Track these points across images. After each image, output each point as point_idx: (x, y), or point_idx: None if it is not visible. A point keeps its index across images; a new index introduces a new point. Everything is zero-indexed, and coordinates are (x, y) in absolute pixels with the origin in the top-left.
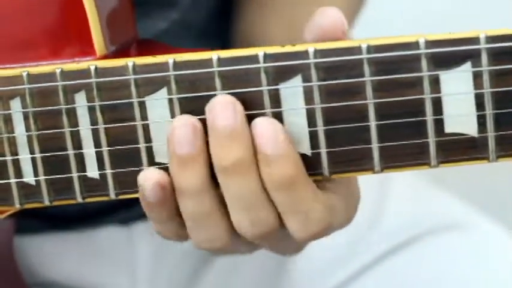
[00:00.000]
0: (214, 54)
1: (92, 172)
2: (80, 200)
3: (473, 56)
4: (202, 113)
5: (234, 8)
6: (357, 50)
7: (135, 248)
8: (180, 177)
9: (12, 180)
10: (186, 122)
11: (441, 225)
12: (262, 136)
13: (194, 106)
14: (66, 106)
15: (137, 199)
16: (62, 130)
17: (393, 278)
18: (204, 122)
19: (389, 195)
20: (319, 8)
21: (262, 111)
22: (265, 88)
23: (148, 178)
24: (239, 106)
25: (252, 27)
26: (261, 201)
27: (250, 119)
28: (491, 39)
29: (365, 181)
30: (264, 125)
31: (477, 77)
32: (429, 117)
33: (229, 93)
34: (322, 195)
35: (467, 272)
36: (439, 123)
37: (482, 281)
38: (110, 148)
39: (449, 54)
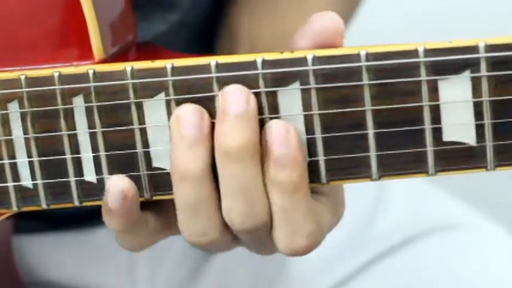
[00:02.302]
0: (212, 60)
1: (90, 176)
2: (77, 203)
3: (472, 65)
4: None
5: (226, 5)
6: (355, 57)
7: None
8: (184, 160)
9: (10, 184)
10: (194, 108)
11: (440, 225)
12: (275, 136)
13: None
14: (64, 108)
15: None
16: (60, 134)
17: (391, 278)
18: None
19: (387, 194)
20: (316, 13)
21: (260, 117)
22: (263, 90)
23: (113, 184)
24: (252, 97)
25: (238, 26)
26: (258, 194)
27: None
28: (490, 47)
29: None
30: (279, 126)
31: (476, 85)
32: (427, 126)
33: None
34: (316, 211)
35: (466, 272)
36: (437, 132)
37: (481, 280)
38: (107, 152)
39: (449, 63)
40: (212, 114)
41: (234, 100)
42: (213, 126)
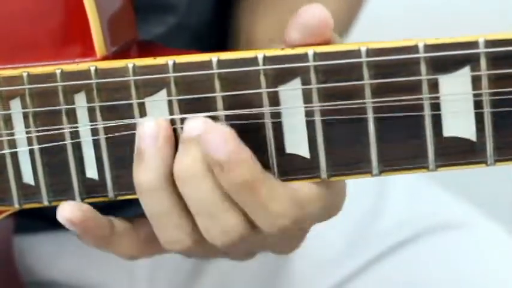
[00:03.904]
0: (213, 56)
1: (91, 173)
2: (79, 200)
3: (472, 60)
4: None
5: (231, 7)
6: (356, 53)
7: None
8: (137, 172)
9: (12, 181)
10: (155, 122)
11: (440, 224)
12: (212, 142)
13: (193, 108)
14: (66, 106)
15: (135, 198)
16: (62, 130)
17: (392, 277)
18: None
19: (388, 194)
20: (303, 6)
21: (261, 110)
22: (264, 90)
23: (60, 215)
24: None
25: (244, 26)
26: (225, 207)
27: (247, 119)
28: (490, 43)
29: (363, 180)
30: (212, 131)
31: (476, 81)
32: (427, 121)
33: (228, 95)
34: (284, 190)
35: (466, 271)
36: (437, 127)
37: (480, 280)
38: (109, 149)
39: (449, 58)
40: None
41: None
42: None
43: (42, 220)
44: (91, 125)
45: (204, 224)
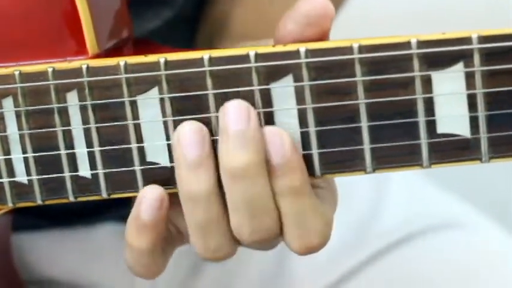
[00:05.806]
0: (205, 54)
1: (84, 171)
2: (72, 199)
3: (465, 56)
4: (193, 112)
5: None
6: (348, 50)
7: None
8: (190, 182)
9: (5, 179)
10: (193, 127)
11: (438, 224)
12: (272, 147)
13: (185, 105)
14: (58, 105)
15: (129, 197)
16: (54, 129)
17: (390, 276)
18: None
19: (387, 193)
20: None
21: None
22: (256, 88)
23: (149, 193)
24: (254, 113)
25: (222, 12)
26: (267, 207)
27: None
28: (483, 39)
29: (363, 179)
30: (272, 133)
31: (469, 77)
32: (421, 118)
33: (220, 93)
34: (322, 208)
35: (465, 271)
36: (431, 124)
37: (480, 279)
38: (101, 147)
39: (442, 55)
40: (204, 111)
41: (234, 118)
42: (213, 143)
43: (42, 218)
44: (83, 124)
45: (239, 222)
